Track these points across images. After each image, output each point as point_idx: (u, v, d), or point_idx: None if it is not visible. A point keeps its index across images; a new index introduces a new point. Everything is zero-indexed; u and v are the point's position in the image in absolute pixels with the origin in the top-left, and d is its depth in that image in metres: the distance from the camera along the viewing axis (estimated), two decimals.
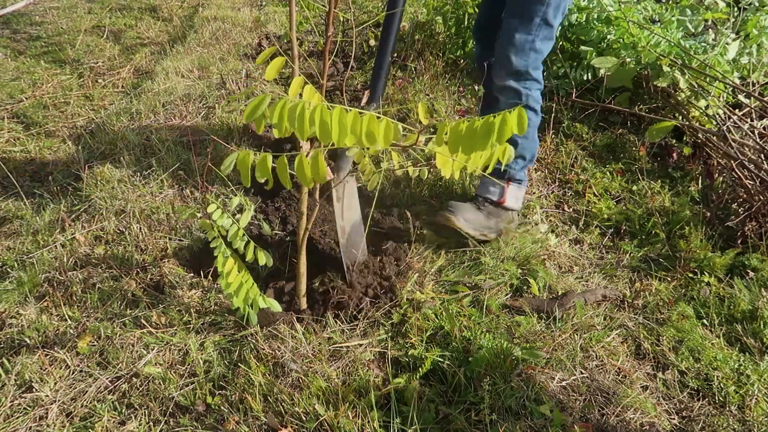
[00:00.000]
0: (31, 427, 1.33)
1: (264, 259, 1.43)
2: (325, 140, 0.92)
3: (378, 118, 0.93)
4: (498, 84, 1.90)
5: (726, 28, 2.63)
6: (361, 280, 1.74)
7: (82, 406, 1.37)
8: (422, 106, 1.10)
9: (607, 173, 2.37)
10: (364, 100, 1.83)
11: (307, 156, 1.02)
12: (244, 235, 1.40)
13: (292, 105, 0.93)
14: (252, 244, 1.42)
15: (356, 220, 1.75)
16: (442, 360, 1.46)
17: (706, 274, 1.87)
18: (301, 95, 0.97)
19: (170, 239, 1.84)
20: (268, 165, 1.02)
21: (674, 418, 1.44)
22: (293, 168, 1.04)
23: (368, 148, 1.10)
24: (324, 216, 1.97)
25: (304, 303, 1.61)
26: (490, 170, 1.00)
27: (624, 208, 2.18)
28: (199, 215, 1.36)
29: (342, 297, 1.66)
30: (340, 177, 1.67)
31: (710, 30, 2.74)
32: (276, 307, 1.52)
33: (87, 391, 1.40)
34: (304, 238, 1.44)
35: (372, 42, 3.26)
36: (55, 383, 1.41)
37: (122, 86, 3.04)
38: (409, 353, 1.49)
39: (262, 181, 1.05)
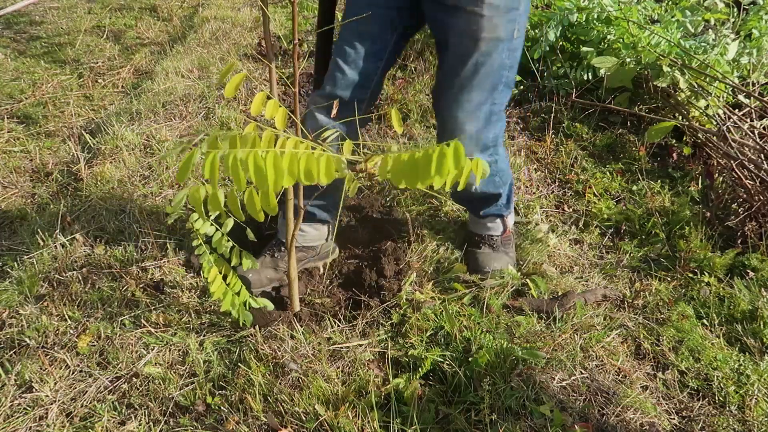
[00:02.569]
0: (31, 427, 1.33)
1: (249, 263, 1.46)
2: (262, 186, 0.90)
3: (318, 152, 0.90)
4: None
5: (726, 29, 2.63)
6: (361, 280, 1.74)
7: (82, 406, 1.37)
8: (395, 113, 1.08)
9: (607, 173, 2.37)
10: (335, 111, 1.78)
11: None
12: (228, 240, 1.42)
13: (224, 155, 0.89)
14: (237, 248, 1.44)
15: None
16: (442, 360, 1.46)
17: (706, 274, 1.87)
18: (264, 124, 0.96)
19: (170, 239, 1.84)
20: (219, 200, 1.01)
21: (674, 418, 1.44)
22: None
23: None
24: None
25: (297, 306, 1.60)
26: (461, 186, 0.92)
27: (624, 208, 2.18)
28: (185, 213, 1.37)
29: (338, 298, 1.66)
30: None
31: (710, 30, 2.74)
32: (268, 305, 1.54)
33: (87, 391, 1.40)
34: (292, 243, 1.45)
35: None
36: (55, 383, 1.41)
37: (122, 86, 3.04)
38: (409, 353, 1.49)
39: (215, 214, 1.04)
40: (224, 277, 1.43)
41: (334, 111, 1.45)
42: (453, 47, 1.50)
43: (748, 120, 2.33)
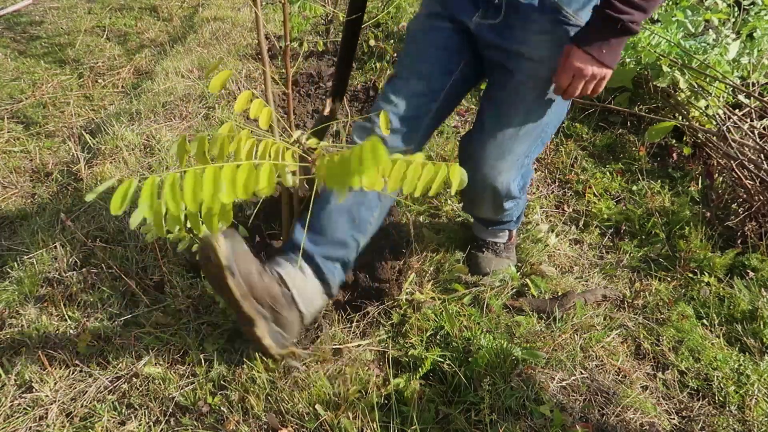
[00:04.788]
0: (31, 427, 1.33)
1: None
2: (195, 208, 0.84)
3: (256, 166, 0.85)
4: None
5: (727, 29, 2.63)
6: (361, 280, 1.74)
7: (82, 406, 1.37)
8: (383, 116, 1.06)
9: (607, 173, 2.37)
10: (327, 110, 1.76)
11: None
12: None
13: (162, 181, 0.82)
14: None
15: None
16: (442, 360, 1.46)
17: (706, 274, 1.87)
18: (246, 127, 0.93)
19: (170, 239, 1.84)
20: (178, 216, 0.96)
21: (674, 418, 1.44)
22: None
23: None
24: None
25: None
26: (433, 192, 0.91)
27: (624, 208, 2.18)
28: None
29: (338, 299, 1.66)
30: None
31: (710, 30, 2.74)
32: None
33: (87, 391, 1.40)
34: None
35: (372, 42, 3.26)
36: (55, 383, 1.41)
37: (122, 86, 3.04)
38: (409, 353, 1.49)
39: (175, 230, 0.97)
40: None
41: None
42: (509, 94, 1.44)
43: (748, 120, 2.33)
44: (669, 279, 1.87)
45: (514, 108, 1.45)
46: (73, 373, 1.45)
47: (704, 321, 1.72)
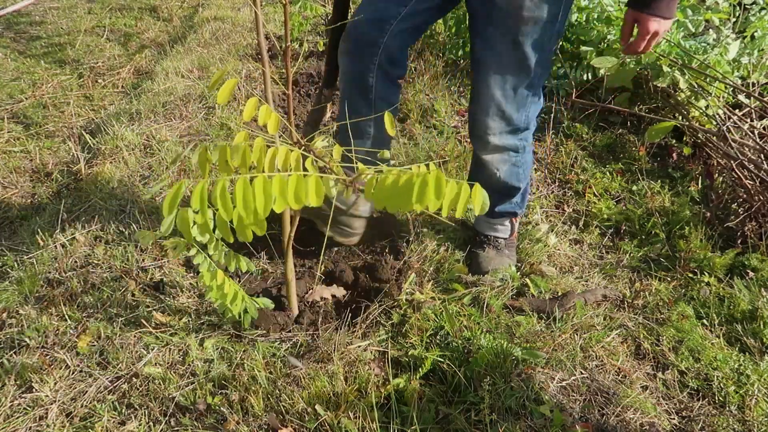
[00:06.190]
0: (31, 427, 1.33)
1: (245, 266, 1.46)
2: (249, 217, 0.86)
3: (305, 175, 0.88)
4: (492, 144, 1.65)
5: (727, 29, 2.63)
6: (361, 280, 1.74)
7: (82, 406, 1.36)
8: (388, 116, 1.06)
9: (607, 173, 2.37)
10: (320, 100, 1.76)
11: None
12: (223, 245, 1.42)
13: (214, 186, 0.85)
14: (231, 253, 1.44)
15: None
16: (442, 360, 1.46)
17: (706, 274, 1.87)
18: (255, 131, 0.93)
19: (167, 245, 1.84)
20: (209, 226, 0.97)
21: (674, 418, 1.44)
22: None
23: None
24: None
25: (296, 309, 1.60)
26: (459, 214, 0.90)
27: (624, 208, 2.18)
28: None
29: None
30: None
31: (711, 30, 2.74)
32: (268, 304, 1.54)
33: (87, 391, 1.40)
34: (289, 244, 1.44)
35: None
36: (55, 383, 1.41)
37: (122, 86, 3.04)
38: (409, 353, 1.49)
39: (206, 238, 1.00)
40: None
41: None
42: (495, 24, 1.48)
43: (748, 120, 2.33)
44: (669, 279, 1.87)
45: (501, 39, 1.48)
46: (73, 373, 1.44)
47: (704, 321, 1.72)
